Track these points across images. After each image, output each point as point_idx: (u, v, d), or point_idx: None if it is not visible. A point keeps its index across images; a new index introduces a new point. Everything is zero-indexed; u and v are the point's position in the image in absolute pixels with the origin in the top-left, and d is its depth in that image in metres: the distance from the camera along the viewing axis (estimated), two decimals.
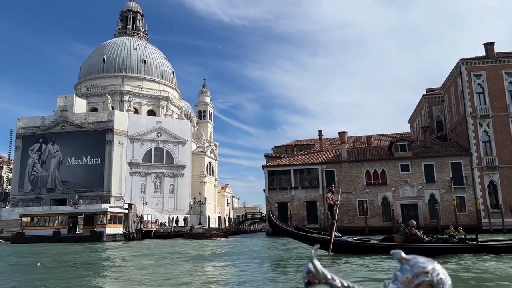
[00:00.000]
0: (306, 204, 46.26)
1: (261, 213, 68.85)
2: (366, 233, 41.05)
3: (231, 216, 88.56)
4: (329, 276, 1.24)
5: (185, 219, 51.64)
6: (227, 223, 70.67)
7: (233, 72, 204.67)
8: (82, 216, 44.21)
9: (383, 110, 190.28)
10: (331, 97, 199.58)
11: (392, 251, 1.31)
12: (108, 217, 42.07)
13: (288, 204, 46.42)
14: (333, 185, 15.48)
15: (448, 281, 1.23)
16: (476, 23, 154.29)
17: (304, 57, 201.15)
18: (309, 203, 46.23)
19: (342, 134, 46.79)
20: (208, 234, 45.15)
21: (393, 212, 42.56)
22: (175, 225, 48.11)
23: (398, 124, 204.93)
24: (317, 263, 1.26)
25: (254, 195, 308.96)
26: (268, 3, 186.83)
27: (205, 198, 61.74)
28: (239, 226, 64.30)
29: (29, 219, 44.74)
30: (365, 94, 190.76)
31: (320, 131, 50.75)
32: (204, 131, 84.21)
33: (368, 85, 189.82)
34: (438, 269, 1.22)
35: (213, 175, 79.10)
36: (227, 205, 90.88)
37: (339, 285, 1.24)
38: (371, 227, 41.90)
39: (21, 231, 43.23)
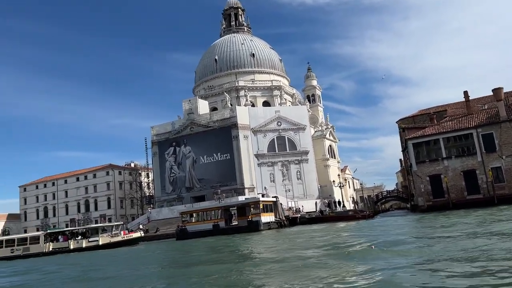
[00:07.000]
0: (463, 174, 42.26)
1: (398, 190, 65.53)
2: None
3: (354, 197, 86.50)
4: None
5: (339, 203, 50.99)
6: (352, 205, 69.13)
7: (322, 53, 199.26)
8: (235, 208, 45.93)
9: (497, 67, 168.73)
10: (432, 61, 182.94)
11: None
12: (261, 206, 43.10)
13: (442, 176, 42.90)
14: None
15: None
16: None
17: (395, 23, 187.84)
18: (467, 172, 42.15)
19: (497, 90, 41.70)
20: (359, 215, 43.88)
21: None
22: (328, 209, 47.63)
23: None
24: None
25: (363, 176, 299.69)
26: None
27: (345, 180, 60.47)
28: (375, 205, 61.91)
29: (187, 216, 47.79)
30: (473, 52, 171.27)
31: (466, 92, 45.96)
32: (316, 114, 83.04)
33: (475, 41, 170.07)
34: None
35: (335, 158, 77.60)
36: (349, 187, 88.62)
37: None
38: None
39: (183, 227, 46.30)
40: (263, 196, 51.17)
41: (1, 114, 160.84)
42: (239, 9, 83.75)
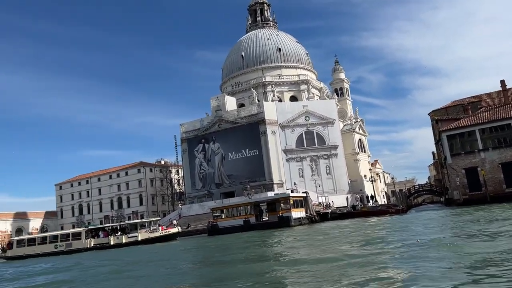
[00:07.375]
0: (501, 166, 40.90)
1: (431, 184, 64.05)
2: None
3: (386, 191, 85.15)
4: None
5: (372, 197, 50.50)
6: (384, 199, 68.04)
7: (349, 45, 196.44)
8: (265, 204, 46.06)
9: None
10: (462, 51, 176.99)
11: None
12: (291, 202, 43.07)
13: (479, 169, 41.66)
14: None
15: None
16: None
17: (423, 13, 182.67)
18: (506, 165, 40.78)
19: None
20: (392, 210, 43.22)
21: None
22: (360, 204, 47.17)
23: None
24: None
25: (392, 169, 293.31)
26: None
27: (377, 174, 59.67)
28: (407, 200, 60.73)
29: (218, 212, 48.29)
30: (505, 41, 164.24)
31: (503, 81, 44.35)
32: (345, 108, 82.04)
33: (508, 30, 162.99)
34: None
35: (365, 152, 76.51)
36: (380, 182, 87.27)
37: None
38: None
39: (214, 223, 46.85)
40: (292, 191, 51.06)
41: (31, 114, 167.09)
42: (265, 4, 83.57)
